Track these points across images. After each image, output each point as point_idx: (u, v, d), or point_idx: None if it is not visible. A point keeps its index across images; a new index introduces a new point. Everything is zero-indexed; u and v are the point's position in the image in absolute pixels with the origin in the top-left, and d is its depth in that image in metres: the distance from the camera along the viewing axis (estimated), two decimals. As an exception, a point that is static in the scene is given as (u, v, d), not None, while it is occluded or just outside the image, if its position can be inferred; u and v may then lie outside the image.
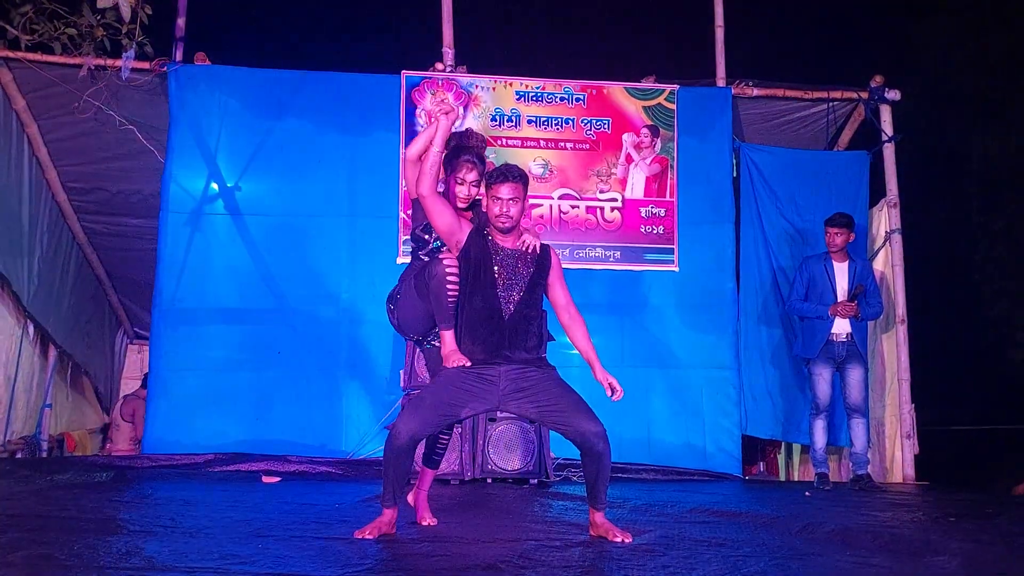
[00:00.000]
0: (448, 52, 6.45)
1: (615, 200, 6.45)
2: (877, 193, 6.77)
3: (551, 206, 6.40)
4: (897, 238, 6.55)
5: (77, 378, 8.58)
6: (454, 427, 3.60)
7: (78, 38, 5.98)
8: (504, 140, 6.39)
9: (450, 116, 3.36)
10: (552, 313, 3.44)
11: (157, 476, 5.21)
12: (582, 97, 6.51)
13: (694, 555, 2.80)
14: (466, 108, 6.35)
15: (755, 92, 6.67)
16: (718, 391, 6.38)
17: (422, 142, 3.43)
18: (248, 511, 3.75)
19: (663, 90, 6.58)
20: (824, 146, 7.16)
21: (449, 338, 3.24)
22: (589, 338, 3.33)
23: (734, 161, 6.73)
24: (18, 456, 6.63)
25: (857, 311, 5.70)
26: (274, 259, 6.18)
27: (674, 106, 6.57)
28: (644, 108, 6.55)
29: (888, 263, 6.59)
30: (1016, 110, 9.93)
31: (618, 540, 3.02)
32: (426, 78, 6.38)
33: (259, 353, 6.07)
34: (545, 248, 3.36)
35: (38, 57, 6.01)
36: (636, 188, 6.47)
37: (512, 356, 3.18)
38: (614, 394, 3.19)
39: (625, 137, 6.50)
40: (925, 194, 9.35)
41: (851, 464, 5.83)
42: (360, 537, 2.99)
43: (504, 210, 3.20)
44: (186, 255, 6.07)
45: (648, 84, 6.61)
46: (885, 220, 6.66)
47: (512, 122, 6.43)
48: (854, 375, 5.74)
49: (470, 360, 3.17)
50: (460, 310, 3.24)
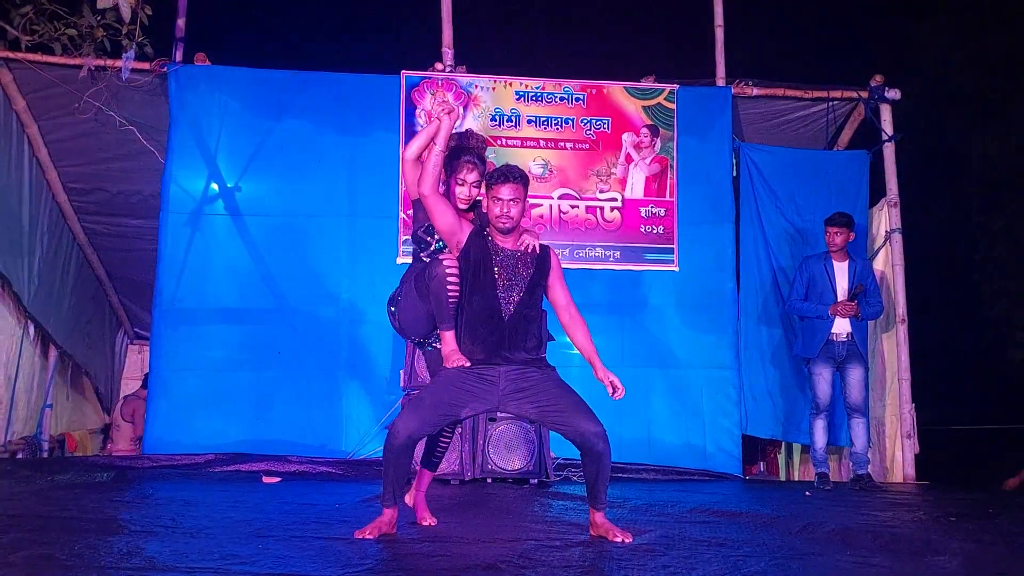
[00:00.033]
0: (448, 52, 6.45)
1: (615, 200, 6.44)
2: (877, 193, 6.77)
3: (551, 206, 6.40)
4: (897, 238, 6.55)
5: (78, 378, 8.59)
6: (454, 429, 3.60)
7: (78, 39, 5.99)
8: (504, 140, 6.39)
9: (452, 115, 3.36)
10: (552, 313, 3.44)
11: (158, 476, 5.21)
12: (582, 97, 6.51)
13: (694, 555, 2.80)
14: (466, 108, 6.35)
15: (755, 92, 6.67)
16: (718, 391, 6.38)
17: (420, 142, 3.43)
18: (248, 511, 3.76)
19: (663, 90, 6.58)
20: (824, 146, 7.16)
21: (449, 338, 3.24)
22: (590, 338, 3.32)
23: (734, 161, 6.73)
24: (19, 456, 6.63)
25: (857, 311, 5.70)
26: (274, 259, 6.19)
27: (674, 106, 6.57)
28: (644, 108, 6.54)
29: (888, 263, 6.59)
30: (1016, 110, 9.92)
31: (618, 540, 3.02)
32: (426, 78, 6.38)
33: (259, 353, 6.08)
34: (545, 249, 3.36)
35: (38, 58, 6.01)
36: (636, 188, 6.47)
37: (512, 357, 3.18)
38: (615, 392, 3.19)
39: (625, 137, 6.50)
40: (925, 194, 9.34)
41: (851, 464, 5.83)
42: (360, 537, 2.99)
43: (505, 211, 3.21)
44: (186, 255, 6.07)
45: (648, 84, 6.61)
46: (885, 220, 6.66)
47: (512, 122, 6.43)
48: (854, 375, 5.74)
49: (470, 360, 3.17)
50: (460, 310, 3.24)
